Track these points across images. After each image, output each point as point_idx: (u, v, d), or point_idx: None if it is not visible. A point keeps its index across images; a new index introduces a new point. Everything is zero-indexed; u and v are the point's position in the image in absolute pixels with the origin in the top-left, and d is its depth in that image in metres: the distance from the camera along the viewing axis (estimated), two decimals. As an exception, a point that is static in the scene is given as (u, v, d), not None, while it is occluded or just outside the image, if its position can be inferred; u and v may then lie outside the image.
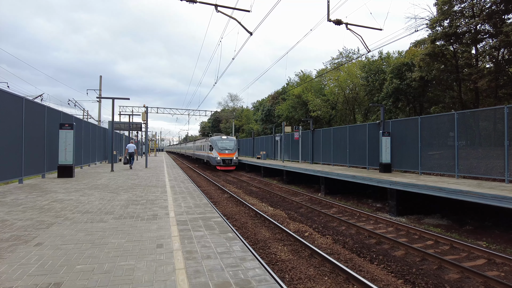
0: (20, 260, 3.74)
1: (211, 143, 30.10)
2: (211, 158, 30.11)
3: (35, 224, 5.39)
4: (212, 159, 29.80)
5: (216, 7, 11.35)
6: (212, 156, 29.54)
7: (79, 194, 8.80)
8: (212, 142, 30.00)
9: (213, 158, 29.47)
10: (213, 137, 31.05)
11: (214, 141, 29.75)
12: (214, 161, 29.16)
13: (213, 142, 29.82)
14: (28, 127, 11.00)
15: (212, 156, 29.72)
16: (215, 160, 28.88)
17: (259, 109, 51.80)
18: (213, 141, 29.98)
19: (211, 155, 29.85)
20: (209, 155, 30.97)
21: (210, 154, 30.26)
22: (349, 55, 33.83)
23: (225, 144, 29.57)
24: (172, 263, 3.74)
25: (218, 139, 29.99)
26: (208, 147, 31.23)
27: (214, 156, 29.10)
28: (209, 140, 31.41)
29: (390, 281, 5.62)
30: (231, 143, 30.12)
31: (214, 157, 29.01)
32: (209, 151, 30.75)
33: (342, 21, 12.07)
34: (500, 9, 16.89)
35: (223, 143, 29.68)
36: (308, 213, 11.27)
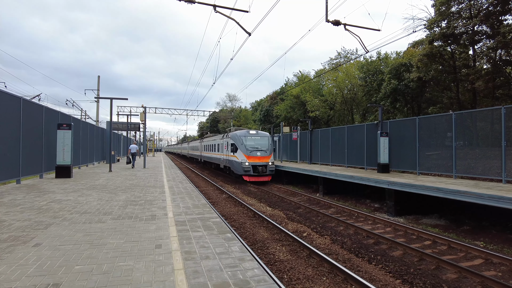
0: (18, 261, 3.73)
1: (233, 141, 20.97)
2: (234, 164, 20.62)
3: (33, 225, 5.38)
4: (235, 164, 20.33)
5: (214, 7, 11.36)
6: (236, 161, 20.15)
7: (77, 194, 8.78)
8: (235, 139, 20.87)
9: (237, 163, 20.08)
10: (237, 132, 21.46)
11: (239, 138, 20.55)
12: (238, 168, 19.80)
13: (237, 139, 20.67)
14: (26, 127, 10.96)
15: (235, 160, 20.36)
16: (240, 166, 19.45)
17: (258, 109, 51.82)
18: (237, 137, 20.74)
19: (234, 159, 20.51)
20: (229, 158, 21.66)
21: (232, 157, 20.91)
22: (347, 56, 33.91)
23: (256, 142, 20.51)
24: (171, 264, 3.74)
25: (245, 135, 20.80)
26: (228, 147, 22.02)
27: (239, 161, 19.76)
28: (229, 136, 22.15)
29: (388, 281, 5.64)
30: (264, 140, 20.97)
31: (240, 162, 19.62)
32: (229, 152, 21.55)
33: (341, 22, 12.11)
34: (497, 10, 16.97)
35: (253, 140, 20.63)
36: (306, 213, 11.28)
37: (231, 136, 21.56)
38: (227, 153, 22.43)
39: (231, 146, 21.26)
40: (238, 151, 20.12)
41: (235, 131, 22.17)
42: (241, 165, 19.42)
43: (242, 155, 19.69)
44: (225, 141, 23.14)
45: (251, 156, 19.53)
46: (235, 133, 21.54)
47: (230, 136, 21.89)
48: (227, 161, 22.35)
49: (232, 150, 20.90)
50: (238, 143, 20.37)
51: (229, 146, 21.63)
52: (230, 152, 21.28)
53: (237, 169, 20.16)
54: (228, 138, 22.39)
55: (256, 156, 19.63)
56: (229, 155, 21.58)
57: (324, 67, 36.55)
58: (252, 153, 19.69)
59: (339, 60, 34.40)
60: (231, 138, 21.53)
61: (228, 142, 22.19)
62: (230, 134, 22.25)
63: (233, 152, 20.68)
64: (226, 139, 23.05)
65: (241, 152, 19.81)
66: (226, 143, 22.91)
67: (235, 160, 20.39)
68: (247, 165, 19.22)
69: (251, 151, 19.74)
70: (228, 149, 22.01)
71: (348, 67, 31.82)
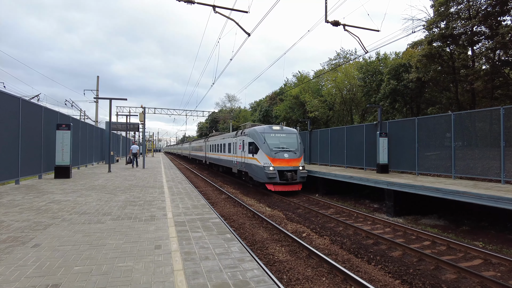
0: (17, 262, 3.72)
1: (251, 139, 16.74)
2: (253, 168, 16.30)
3: (32, 225, 5.37)
4: (255, 169, 16.02)
5: (214, 8, 11.36)
6: (257, 165, 15.87)
7: (77, 195, 8.77)
8: (254, 137, 16.53)
9: (257, 168, 15.76)
10: (256, 128, 17.29)
11: (259, 135, 16.27)
12: (260, 173, 15.55)
13: (257, 136, 16.33)
14: (25, 128, 10.94)
15: (255, 164, 16.05)
16: (263, 171, 15.17)
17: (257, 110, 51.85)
18: (257, 134, 16.43)
19: (253, 162, 16.25)
20: (246, 161, 17.42)
21: (250, 159, 16.69)
22: (346, 56, 33.95)
23: (281, 141, 16.43)
24: (170, 264, 3.74)
25: (267, 131, 16.63)
26: (244, 147, 17.84)
27: (260, 165, 15.52)
28: (245, 134, 17.97)
29: (388, 281, 5.64)
30: (291, 138, 16.81)
31: (262, 166, 15.35)
32: (246, 153, 17.39)
33: (340, 23, 12.13)
34: (496, 11, 17.02)
35: (277, 138, 16.47)
36: (305, 214, 11.29)
37: (249, 133, 17.17)
38: (242, 155, 18.12)
39: (249, 146, 16.91)
40: (260, 152, 15.70)
41: (253, 127, 18.02)
42: (263, 170, 15.04)
43: (265, 157, 15.34)
44: (240, 139, 18.79)
45: (276, 158, 15.28)
46: (253, 129, 17.20)
47: (247, 133, 17.49)
48: (243, 165, 17.87)
49: (250, 151, 16.60)
50: (259, 142, 15.93)
51: (246, 145, 17.35)
52: (248, 153, 16.99)
53: (258, 175, 15.72)
54: (244, 135, 18.05)
55: (284, 158, 15.35)
56: (246, 157, 17.28)
57: (324, 68, 36.59)
58: (278, 154, 15.41)
59: (338, 60, 34.45)
60: (248, 136, 17.13)
61: (244, 141, 17.93)
62: (247, 131, 17.79)
63: (252, 153, 16.31)
64: (241, 137, 18.63)
65: (264, 154, 15.45)
66: (241, 142, 18.58)
67: (255, 163, 15.97)
68: (272, 170, 14.91)
69: (277, 152, 15.48)
70: (244, 149, 17.79)
71: (347, 67, 31.86)
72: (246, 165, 17.39)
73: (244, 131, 18.47)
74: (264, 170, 15.03)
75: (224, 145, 23.38)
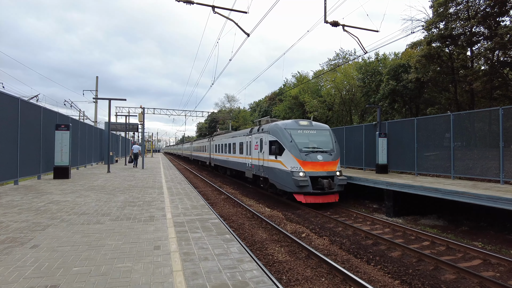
0: (16, 263, 3.71)
1: (274, 136, 13.42)
2: (277, 174, 13.00)
3: (31, 226, 5.36)
4: (280, 175, 12.75)
5: (213, 8, 11.37)
6: (282, 169, 12.59)
7: (76, 195, 8.76)
8: (277, 133, 13.28)
9: (283, 173, 12.52)
10: (279, 123, 13.98)
11: (285, 132, 13.02)
12: (286, 180, 12.32)
13: (281, 133, 13.08)
14: (24, 128, 10.92)
15: (279, 168, 12.76)
16: (290, 178, 12.01)
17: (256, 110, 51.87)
18: (281, 131, 13.21)
19: (277, 166, 12.92)
20: (266, 164, 14.03)
21: (272, 162, 13.34)
22: (345, 57, 34.01)
23: (311, 139, 13.23)
24: (169, 265, 3.73)
25: (293, 127, 13.36)
26: (263, 146, 14.46)
27: (287, 169, 12.30)
28: (264, 130, 14.61)
29: (387, 282, 5.64)
30: (324, 135, 13.59)
31: (289, 172, 12.17)
32: (266, 155, 14.01)
33: (339, 23, 12.14)
34: (495, 12, 17.06)
35: (306, 135, 13.28)
36: (305, 214, 11.28)
37: (270, 129, 13.81)
38: (260, 156, 14.68)
39: (270, 146, 13.51)
40: (285, 154, 12.40)
41: (274, 122, 14.63)
42: (291, 177, 11.83)
43: (293, 159, 12.06)
44: (257, 137, 15.34)
45: (308, 161, 12.04)
46: (275, 124, 13.78)
47: (267, 130, 14.11)
48: (261, 169, 14.44)
49: (272, 152, 13.13)
50: (284, 140, 12.65)
51: (266, 145, 13.97)
52: (269, 154, 13.59)
53: (283, 182, 12.42)
54: (262, 133, 14.64)
55: (317, 161, 12.12)
56: (266, 159, 13.89)
57: (323, 68, 36.64)
58: (310, 156, 12.18)
59: (337, 61, 34.49)
60: (269, 133, 13.76)
61: (262, 140, 14.46)
62: (266, 127, 14.43)
63: (275, 154, 12.95)
64: (258, 135, 15.20)
65: (291, 155, 12.18)
66: (257, 141, 15.16)
67: (278, 167, 12.66)
68: (303, 176, 11.74)
69: (308, 153, 12.24)
70: (263, 149, 14.34)
71: (346, 68, 31.91)
72: (265, 169, 14.06)
73: (262, 127, 15.02)
74: (292, 176, 11.77)
75: (234, 144, 19.88)
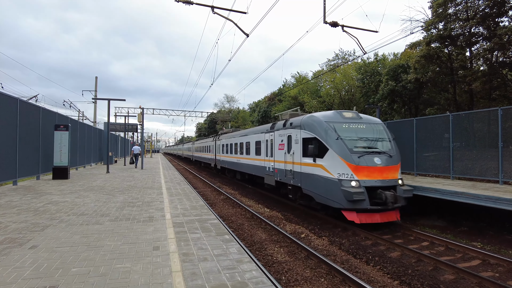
0: (14, 263, 3.71)
1: (311, 132, 10.10)
2: (316, 181, 9.65)
3: (30, 227, 5.35)
4: (322, 183, 9.41)
5: (212, 8, 11.36)
6: (325, 176, 9.27)
7: (75, 196, 8.74)
8: (315, 129, 10.02)
9: (326, 181, 9.20)
10: (317, 115, 10.71)
11: (328, 126, 9.68)
12: (332, 190, 8.99)
13: (322, 128, 9.79)
14: (23, 129, 10.91)
15: (321, 174, 9.45)
16: (338, 188, 8.75)
17: (256, 110, 51.88)
18: (321, 125, 9.89)
19: (317, 172, 9.61)
20: (299, 169, 10.69)
21: (310, 167, 9.99)
22: (345, 57, 34.05)
23: (361, 135, 9.86)
24: (168, 266, 3.73)
25: (336, 119, 10.05)
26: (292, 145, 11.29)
27: (332, 177, 9.03)
28: (294, 125, 11.31)
29: (386, 282, 5.64)
30: (377, 131, 10.28)
31: (336, 180, 8.89)
32: (297, 157, 10.83)
33: (338, 23, 12.14)
34: (494, 12, 17.09)
35: (355, 131, 9.88)
36: (304, 215, 11.28)
37: (304, 123, 10.45)
38: (288, 159, 11.30)
39: (304, 144, 10.28)
40: (329, 155, 9.19)
41: (309, 114, 11.12)
42: (339, 187, 8.75)
43: (342, 163, 8.91)
44: (283, 134, 11.89)
45: (362, 166, 8.89)
46: (312, 116, 10.49)
47: (298, 124, 10.77)
48: (292, 175, 10.99)
49: (309, 153, 9.71)
50: (327, 137, 9.39)
51: (297, 143, 10.65)
52: (302, 156, 10.36)
53: (326, 194, 9.25)
54: (291, 128, 11.19)
55: (375, 165, 8.99)
56: (299, 162, 10.53)
57: (322, 68, 36.69)
58: (365, 159, 9.00)
59: (336, 61, 34.53)
60: (302, 128, 10.40)
61: (292, 137, 11.06)
62: (297, 120, 11.02)
63: (313, 156, 9.64)
64: (284, 131, 11.74)
65: (338, 157, 9.01)
66: (284, 138, 11.71)
67: (319, 174, 9.45)
68: (356, 186, 8.69)
69: (361, 155, 9.05)
70: (292, 150, 10.98)
71: (345, 68, 31.95)
72: (296, 175, 10.66)
73: (291, 121, 11.48)
74: (342, 187, 8.51)
75: (248, 144, 16.41)
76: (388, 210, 8.82)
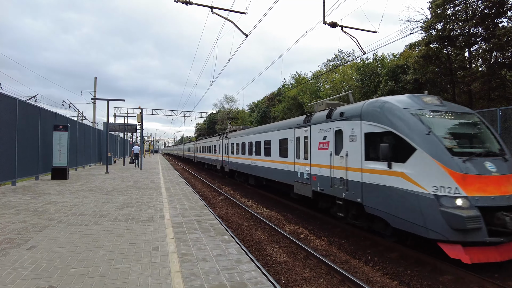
0: (13, 264, 3.70)
1: (381, 123, 6.81)
2: (394, 197, 6.32)
3: (29, 227, 5.33)
4: (404, 201, 6.07)
5: (212, 9, 11.36)
6: (410, 192, 5.95)
7: (74, 196, 8.73)
8: (387, 118, 6.67)
9: (413, 198, 5.88)
10: (384, 100, 7.22)
11: (407, 116, 6.40)
12: (423, 212, 5.69)
13: (399, 117, 6.46)
14: (22, 129, 10.89)
15: (401, 188, 6.18)
16: (435, 208, 5.52)
17: (255, 111, 51.91)
18: (396, 113, 6.57)
19: (395, 184, 6.32)
20: (365, 177, 7.22)
21: (380, 175, 6.74)
22: (344, 58, 34.09)
23: (456, 129, 6.69)
24: (167, 266, 3.72)
25: (417, 106, 6.74)
26: (348, 143, 7.92)
27: (424, 192, 5.72)
28: (350, 114, 7.97)
29: (386, 282, 5.64)
30: (472, 123, 7.01)
31: (430, 197, 5.61)
32: (358, 161, 7.53)
33: (338, 24, 12.15)
34: (493, 13, 17.13)
35: (446, 122, 6.65)
36: (303, 215, 11.27)
37: (369, 111, 7.40)
38: (337, 162, 8.57)
39: (368, 142, 7.39)
40: (418, 157, 6.04)
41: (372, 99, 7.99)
42: (437, 207, 5.57)
43: (439, 169, 5.72)
44: (326, 129, 9.19)
45: (471, 175, 5.71)
46: (386, 101, 7.22)
47: (361, 113, 7.62)
48: (345, 186, 8.11)
49: (382, 155, 6.51)
50: (412, 132, 6.25)
51: (355, 141, 7.77)
52: (365, 159, 7.38)
53: (415, 218, 5.93)
54: (342, 120, 8.40)
55: (489, 174, 5.81)
56: (358, 168, 7.60)
57: (321, 69, 36.72)
58: (473, 164, 5.85)
59: (336, 61, 34.57)
60: (365, 118, 7.45)
61: (344, 132, 8.26)
62: (353, 108, 8.15)
63: (388, 159, 6.52)
64: (329, 124, 9.04)
65: (432, 161, 5.83)
66: (329, 135, 8.99)
67: (402, 186, 6.24)
68: (465, 205, 5.53)
69: (467, 159, 5.88)
70: (344, 150, 8.22)
71: (345, 68, 31.98)
72: (356, 187, 7.64)
73: (342, 110, 8.59)
74: (441, 207, 5.58)
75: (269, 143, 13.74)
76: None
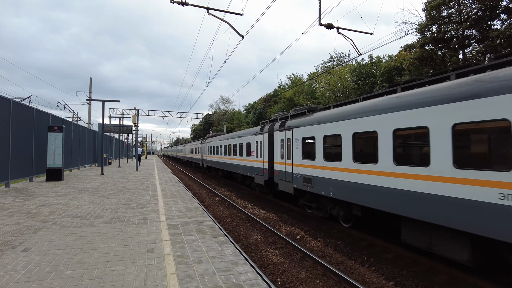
0: (6, 267, 3.65)
1: None
2: None
3: (22, 229, 5.28)
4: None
5: (207, 10, 11.36)
6: None
7: (68, 197, 8.66)
8: None
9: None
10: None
11: None
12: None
13: None
14: (16, 130, 10.78)
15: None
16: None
17: (251, 112, 51.96)
18: None
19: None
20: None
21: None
22: (340, 59, 34.25)
23: None
24: (163, 268, 3.70)
25: None
26: None
27: None
28: None
29: (381, 283, 5.66)
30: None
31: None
32: None
33: (333, 25, 12.20)
34: (486, 15, 17.33)
35: None
36: (299, 216, 11.28)
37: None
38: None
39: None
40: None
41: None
42: None
43: None
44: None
45: None
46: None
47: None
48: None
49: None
50: None
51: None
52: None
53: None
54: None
55: None
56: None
57: (317, 70, 36.85)
58: None
59: (332, 63, 34.72)
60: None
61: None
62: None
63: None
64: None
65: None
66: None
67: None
68: None
69: None
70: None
71: (340, 70, 32.13)
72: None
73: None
74: None
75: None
76: None
